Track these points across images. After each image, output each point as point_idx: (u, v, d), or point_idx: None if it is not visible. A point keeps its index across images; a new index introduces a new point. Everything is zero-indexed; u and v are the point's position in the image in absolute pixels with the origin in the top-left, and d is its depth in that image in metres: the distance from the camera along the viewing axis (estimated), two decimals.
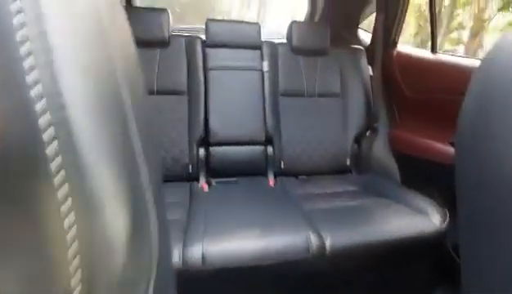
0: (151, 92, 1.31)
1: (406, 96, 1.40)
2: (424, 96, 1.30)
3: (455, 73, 1.17)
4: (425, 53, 1.34)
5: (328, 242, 0.83)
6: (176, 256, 0.75)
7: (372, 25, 1.68)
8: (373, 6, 1.61)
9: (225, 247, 0.79)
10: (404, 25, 1.51)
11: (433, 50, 1.30)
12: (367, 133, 1.51)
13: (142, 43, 1.30)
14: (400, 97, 1.45)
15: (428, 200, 1.06)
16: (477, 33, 6.17)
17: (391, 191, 1.20)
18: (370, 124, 1.51)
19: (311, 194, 1.22)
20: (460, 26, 6.37)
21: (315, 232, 0.85)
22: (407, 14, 1.48)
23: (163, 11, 1.30)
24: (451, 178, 0.47)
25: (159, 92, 1.32)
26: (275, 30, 1.98)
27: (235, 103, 1.39)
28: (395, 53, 1.48)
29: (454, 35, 6.38)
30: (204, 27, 1.43)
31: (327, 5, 1.76)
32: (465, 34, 6.40)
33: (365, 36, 1.79)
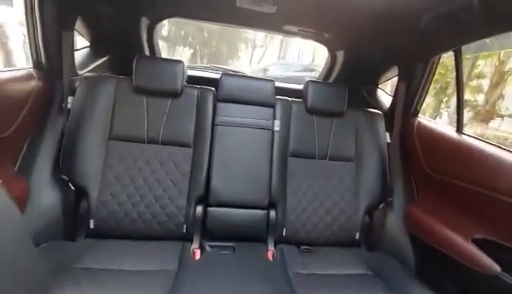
0: (155, 142, 1.25)
1: (426, 173, 1.28)
2: (445, 179, 1.18)
3: (481, 161, 1.06)
4: (449, 131, 1.24)
5: None
6: None
7: (393, 87, 1.62)
8: (395, 70, 1.55)
9: None
10: None
11: (459, 130, 1.20)
12: (380, 206, 1.39)
13: (154, 93, 1.27)
14: (419, 172, 1.34)
15: None
16: (497, 83, 6.09)
17: (403, 284, 1.07)
18: (384, 196, 1.39)
19: (313, 276, 1.09)
20: (481, 75, 6.32)
21: None
22: None
23: (178, 62, 1.28)
24: (470, 282, 0.36)
25: (164, 142, 1.26)
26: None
27: (240, 162, 1.31)
28: (416, 123, 1.39)
29: (474, 83, 6.31)
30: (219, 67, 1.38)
31: (345, 61, 1.71)
32: (486, 83, 6.32)
33: (385, 98, 1.72)
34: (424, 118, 1.41)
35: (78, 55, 1.39)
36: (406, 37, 1.25)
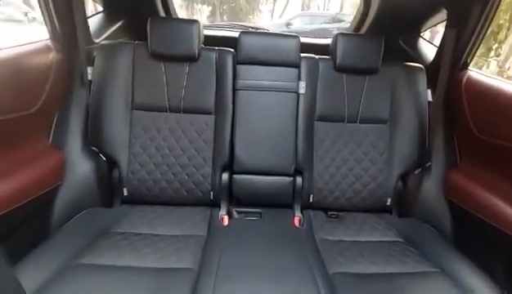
0: (177, 110, 1.23)
1: (473, 135, 1.14)
2: (496, 142, 1.04)
3: None
4: (508, 86, 1.06)
5: None
6: None
7: (437, 36, 1.40)
8: (443, 14, 1.31)
9: None
10: None
11: None
12: (416, 171, 1.29)
13: (171, 58, 1.21)
14: (465, 134, 1.19)
15: (484, 279, 0.87)
16: None
17: (438, 252, 1.02)
18: (421, 161, 1.28)
19: (340, 243, 1.08)
20: None
21: None
22: None
23: (194, 22, 1.18)
24: None
25: (186, 111, 1.23)
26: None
27: (264, 128, 1.26)
28: (465, 78, 1.20)
29: None
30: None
31: (381, 6, 1.47)
32: None
33: (427, 49, 1.49)
34: (475, 71, 1.22)
35: (93, 23, 1.34)
36: None
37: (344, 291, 0.82)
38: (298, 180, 1.28)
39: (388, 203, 1.29)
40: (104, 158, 1.22)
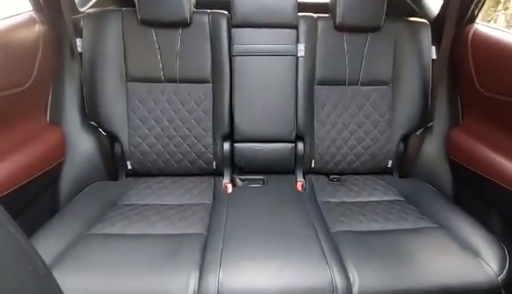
0: (173, 80, 1.20)
1: (477, 92, 1.11)
2: (502, 98, 1.02)
3: None
4: None
5: (356, 288, 0.75)
6: (191, 287, 0.73)
7: None
8: None
9: (240, 285, 0.74)
10: None
11: None
12: (418, 132, 1.29)
13: (162, 24, 1.15)
14: (469, 91, 1.17)
15: (484, 234, 0.90)
16: None
17: (438, 208, 1.04)
18: (423, 121, 1.27)
19: (342, 204, 1.11)
20: None
21: (341, 272, 0.77)
22: None
23: None
24: None
25: (182, 80, 1.20)
26: None
27: (262, 95, 1.23)
28: (471, 32, 1.15)
29: None
30: None
31: None
32: None
33: (432, 3, 1.41)
34: (482, 24, 1.16)
35: None
36: None
37: (346, 246, 0.85)
38: (300, 145, 1.28)
39: (389, 165, 1.30)
40: (104, 133, 1.21)
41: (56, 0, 1.04)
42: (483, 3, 1.15)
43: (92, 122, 1.19)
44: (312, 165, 1.29)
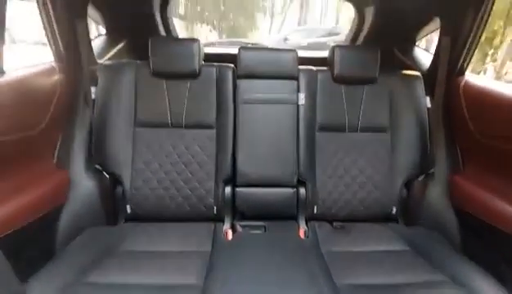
0: (179, 126, 1.24)
1: (474, 138, 1.13)
2: (498, 144, 1.04)
3: None
4: (506, 87, 1.06)
5: None
6: None
7: (433, 45, 1.42)
8: (436, 23, 1.35)
9: None
10: None
11: None
12: (420, 178, 1.28)
13: (173, 75, 1.24)
14: (466, 138, 1.19)
15: (495, 287, 0.84)
16: None
17: (447, 260, 0.99)
18: (424, 167, 1.27)
19: (347, 254, 1.06)
20: None
21: None
22: None
23: (194, 41, 1.22)
24: None
25: (187, 126, 1.25)
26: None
27: (265, 140, 1.26)
28: (462, 83, 1.22)
29: None
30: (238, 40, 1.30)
31: (376, 18, 1.51)
32: None
33: (423, 57, 1.52)
34: (472, 76, 1.23)
35: (96, 45, 1.38)
36: None
37: None
38: (302, 191, 1.27)
39: (394, 212, 1.28)
40: (107, 176, 1.22)
41: (76, 52, 1.14)
42: (471, 57, 1.23)
43: (97, 166, 1.21)
44: (315, 211, 1.26)
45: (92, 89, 1.22)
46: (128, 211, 1.22)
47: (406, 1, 1.32)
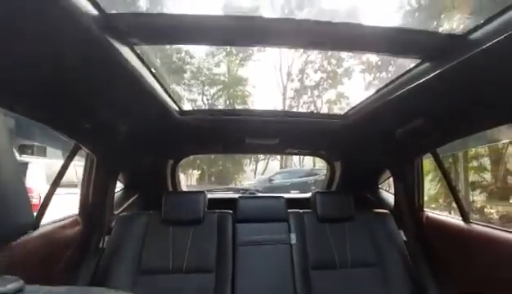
0: (180, 271, 1.30)
1: (454, 268, 1.26)
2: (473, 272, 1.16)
3: (491, 249, 1.09)
4: (457, 222, 1.30)
5: None
6: None
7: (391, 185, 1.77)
8: (389, 172, 1.74)
9: None
10: None
11: (466, 220, 1.26)
12: None
13: (180, 222, 1.41)
14: (445, 268, 1.31)
15: None
16: (498, 159, 6.09)
17: None
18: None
19: None
20: (479, 155, 6.37)
21: None
22: None
23: (201, 193, 1.47)
24: None
25: (188, 271, 1.30)
26: None
27: (263, 281, 1.32)
28: (424, 217, 1.46)
29: (475, 163, 6.32)
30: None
31: (343, 169, 1.92)
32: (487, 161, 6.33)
33: (388, 196, 1.84)
34: (431, 212, 1.49)
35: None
36: (387, 145, 1.48)
37: None
38: None
39: None
40: None
41: (101, 208, 1.34)
42: (423, 196, 1.53)
43: None
44: None
45: (106, 237, 1.35)
46: None
47: (363, 156, 1.76)
